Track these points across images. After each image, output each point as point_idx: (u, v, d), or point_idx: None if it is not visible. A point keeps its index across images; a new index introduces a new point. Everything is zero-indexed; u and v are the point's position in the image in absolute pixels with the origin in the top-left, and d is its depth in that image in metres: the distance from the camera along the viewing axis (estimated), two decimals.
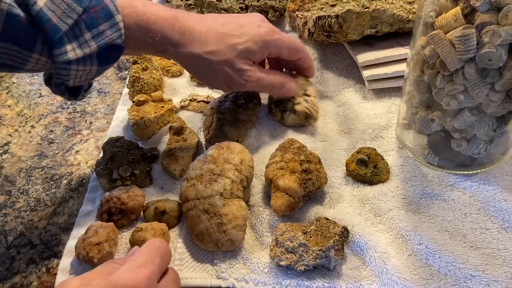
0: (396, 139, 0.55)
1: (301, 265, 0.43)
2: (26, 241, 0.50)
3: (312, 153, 0.50)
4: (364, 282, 0.43)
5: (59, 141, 0.61)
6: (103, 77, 0.71)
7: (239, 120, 0.56)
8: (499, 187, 0.48)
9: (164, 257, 0.38)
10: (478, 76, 0.41)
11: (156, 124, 0.59)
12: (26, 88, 0.71)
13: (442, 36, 0.41)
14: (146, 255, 0.36)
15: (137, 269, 0.35)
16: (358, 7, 0.58)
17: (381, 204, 0.48)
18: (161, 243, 0.38)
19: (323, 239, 0.44)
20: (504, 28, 0.38)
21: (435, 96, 0.45)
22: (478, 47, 0.39)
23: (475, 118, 0.44)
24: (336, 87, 0.63)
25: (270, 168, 0.49)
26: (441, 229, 0.46)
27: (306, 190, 0.47)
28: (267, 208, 0.49)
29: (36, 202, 0.54)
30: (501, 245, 0.44)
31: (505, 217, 0.46)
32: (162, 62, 0.69)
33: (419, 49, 0.45)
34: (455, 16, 0.41)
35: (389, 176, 0.51)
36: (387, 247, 0.45)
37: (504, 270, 0.42)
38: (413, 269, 0.43)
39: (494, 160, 0.50)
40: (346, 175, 0.52)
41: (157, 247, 0.37)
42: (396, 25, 0.59)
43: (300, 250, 0.43)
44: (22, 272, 0.47)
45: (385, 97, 0.60)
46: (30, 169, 0.58)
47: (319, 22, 0.60)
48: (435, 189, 0.49)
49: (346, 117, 0.59)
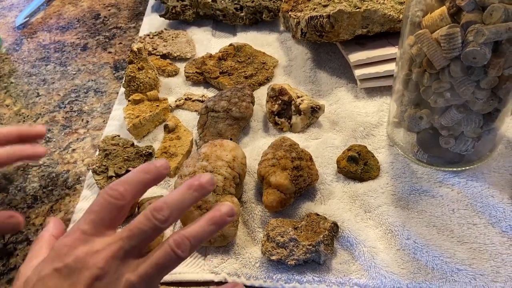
0: (386, 137, 0.56)
1: (292, 260, 0.44)
2: (23, 238, 0.51)
3: (304, 150, 0.51)
4: (353, 276, 0.44)
5: (56, 140, 0.62)
6: (100, 77, 0.72)
7: (233, 118, 0.57)
8: (487, 184, 0.49)
9: (143, 233, 0.33)
10: (464, 74, 0.42)
11: (151, 122, 0.60)
12: (24, 87, 0.72)
13: (429, 35, 0.42)
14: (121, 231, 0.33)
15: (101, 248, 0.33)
16: (350, 7, 0.59)
17: (371, 200, 0.49)
18: (145, 217, 0.34)
19: (313, 234, 0.45)
20: (487, 27, 0.39)
21: (423, 94, 0.46)
22: (463, 46, 0.40)
23: (462, 115, 0.45)
24: (328, 86, 0.64)
25: (262, 165, 0.50)
26: (429, 224, 0.47)
27: (297, 186, 0.48)
28: (259, 204, 0.50)
29: (33, 199, 0.55)
30: (487, 240, 0.45)
31: (492, 212, 0.47)
32: (157, 62, 0.70)
33: (407, 48, 0.46)
34: (441, 16, 0.42)
35: (379, 173, 0.52)
36: (376, 242, 0.46)
37: (490, 264, 0.43)
38: (401, 263, 0.44)
39: (482, 157, 0.51)
40: (337, 172, 0.52)
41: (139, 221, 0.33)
42: (387, 25, 0.60)
43: (290, 245, 0.44)
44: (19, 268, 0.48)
45: (376, 96, 0.61)
46: (27, 167, 0.59)
47: (311, 22, 0.61)
48: (424, 185, 0.50)
49: (338, 115, 0.59)
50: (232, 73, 0.66)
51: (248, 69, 0.67)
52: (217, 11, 0.76)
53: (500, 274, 0.42)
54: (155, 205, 0.34)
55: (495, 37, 0.39)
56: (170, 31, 0.76)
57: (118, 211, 0.34)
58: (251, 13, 0.75)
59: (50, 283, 0.32)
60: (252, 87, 0.65)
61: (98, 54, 0.77)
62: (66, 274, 0.32)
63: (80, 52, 0.78)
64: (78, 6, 0.91)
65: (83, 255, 0.33)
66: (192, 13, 0.78)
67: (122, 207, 0.34)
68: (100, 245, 0.33)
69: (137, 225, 0.33)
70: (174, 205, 0.34)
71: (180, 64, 0.71)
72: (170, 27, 0.79)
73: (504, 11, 0.38)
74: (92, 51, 0.78)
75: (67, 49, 0.79)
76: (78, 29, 0.84)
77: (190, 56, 0.72)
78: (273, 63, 0.68)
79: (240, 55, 0.68)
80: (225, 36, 0.77)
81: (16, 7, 0.93)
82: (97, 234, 0.34)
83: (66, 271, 0.32)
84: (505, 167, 0.51)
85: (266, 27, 0.77)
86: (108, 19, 0.86)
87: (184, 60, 0.72)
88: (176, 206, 0.34)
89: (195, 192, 0.35)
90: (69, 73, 0.74)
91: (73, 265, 0.32)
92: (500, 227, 0.46)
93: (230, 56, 0.68)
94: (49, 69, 0.75)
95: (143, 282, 0.32)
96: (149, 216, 0.33)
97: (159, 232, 0.34)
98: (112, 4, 0.90)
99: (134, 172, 0.36)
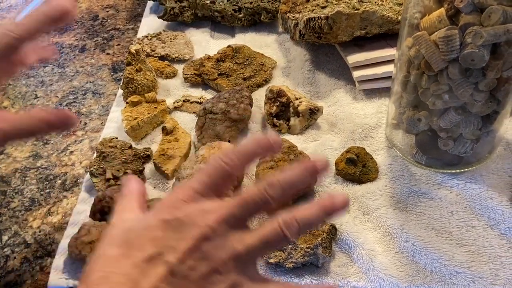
0: (385, 138, 0.56)
1: (290, 263, 0.43)
2: (20, 240, 0.51)
3: (302, 152, 0.51)
4: (352, 279, 0.43)
5: (54, 142, 0.62)
6: (98, 79, 0.72)
7: (231, 120, 0.57)
8: (485, 186, 0.49)
9: (254, 204, 0.33)
10: (462, 76, 0.42)
11: (149, 124, 0.59)
12: (22, 89, 0.71)
13: (427, 37, 0.42)
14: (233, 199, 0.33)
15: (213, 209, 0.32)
16: (348, 8, 0.59)
17: (369, 203, 0.49)
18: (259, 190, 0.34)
19: (311, 237, 0.44)
20: (486, 29, 0.39)
21: (421, 96, 0.46)
22: (461, 48, 0.40)
23: (461, 117, 0.45)
24: (327, 88, 0.64)
25: (260, 168, 0.50)
26: (427, 226, 0.47)
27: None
28: None
29: (30, 202, 0.55)
30: (486, 243, 0.45)
31: (490, 215, 0.47)
32: (156, 64, 0.69)
33: (405, 50, 0.45)
34: (439, 17, 0.41)
35: (377, 175, 0.52)
36: (375, 245, 0.45)
37: (489, 267, 0.43)
38: (399, 266, 0.44)
39: (481, 159, 0.51)
40: (335, 174, 0.52)
41: (253, 192, 0.33)
42: (386, 26, 0.60)
43: (288, 248, 0.44)
44: (16, 270, 0.48)
45: (375, 98, 0.61)
46: (25, 170, 0.58)
47: (310, 23, 0.61)
48: (422, 187, 0.50)
49: (336, 117, 0.59)
50: (230, 75, 0.66)
51: (247, 70, 0.67)
52: (215, 12, 0.76)
53: (499, 277, 0.42)
54: (270, 181, 0.33)
55: (493, 39, 0.39)
56: (169, 32, 0.76)
57: (229, 178, 0.34)
58: (249, 15, 0.75)
59: (157, 232, 0.31)
60: (251, 88, 0.65)
61: (96, 56, 0.77)
62: (175, 227, 0.31)
63: (78, 54, 0.78)
64: (76, 8, 0.90)
65: (195, 212, 0.32)
66: (191, 15, 0.77)
67: (232, 175, 0.34)
68: (211, 206, 0.32)
69: (250, 195, 0.33)
70: (287, 185, 0.33)
71: (178, 65, 0.71)
72: (169, 28, 0.79)
73: (502, 13, 0.38)
74: (90, 52, 0.78)
75: (65, 51, 0.79)
76: (76, 31, 0.84)
77: (188, 57, 0.71)
78: (271, 65, 0.68)
79: (238, 57, 0.68)
80: (224, 37, 0.76)
81: (14, 8, 0.92)
82: (207, 196, 0.33)
83: (176, 224, 0.32)
84: (504, 169, 0.51)
85: (265, 28, 0.77)
86: (106, 21, 0.85)
87: (182, 61, 0.71)
88: (288, 186, 0.33)
89: (310, 178, 0.34)
90: (67, 74, 0.73)
91: (184, 220, 0.32)
92: (499, 230, 0.46)
93: (229, 57, 0.68)
94: (47, 70, 0.75)
95: (248, 254, 0.32)
96: (262, 190, 0.33)
97: (268, 207, 0.33)
98: (110, 5, 0.90)
99: (248, 143, 0.35)
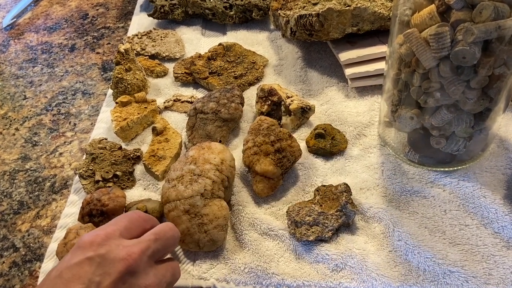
0: (378, 136, 0.55)
1: (328, 232, 0.45)
2: (9, 245, 0.50)
3: (281, 129, 0.51)
4: (344, 280, 0.43)
5: (43, 144, 0.61)
6: (88, 78, 0.71)
7: (222, 120, 0.56)
8: (479, 184, 0.48)
9: (166, 240, 0.37)
10: (453, 74, 0.41)
11: (139, 125, 0.59)
12: (11, 90, 0.70)
13: (417, 34, 0.41)
14: (148, 235, 0.37)
15: (132, 244, 0.35)
16: (339, 5, 0.58)
17: (362, 201, 0.48)
18: (168, 227, 0.38)
19: (333, 202, 0.46)
20: (477, 26, 0.38)
21: (413, 94, 0.45)
22: (452, 45, 0.40)
23: (453, 115, 0.44)
24: (319, 86, 0.63)
25: (245, 154, 0.51)
26: (420, 225, 0.46)
27: (283, 167, 0.50)
28: (246, 206, 0.49)
29: (19, 205, 0.54)
30: (480, 241, 0.45)
31: (484, 213, 0.46)
32: (146, 63, 0.68)
33: (396, 47, 0.45)
34: (430, 14, 0.41)
35: (347, 145, 0.54)
36: (367, 244, 0.45)
37: (482, 266, 0.43)
38: (393, 265, 0.43)
39: (474, 157, 0.50)
40: (308, 152, 0.54)
41: (162, 229, 0.38)
42: (377, 23, 0.59)
43: (320, 219, 0.45)
44: (5, 275, 0.47)
45: (367, 95, 0.60)
46: (13, 172, 0.57)
47: (301, 20, 0.60)
48: (415, 186, 0.49)
49: (329, 116, 0.59)
50: (221, 73, 0.65)
51: (238, 69, 0.66)
52: (206, 10, 0.75)
53: (493, 276, 0.42)
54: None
55: (484, 36, 0.38)
56: (159, 30, 0.75)
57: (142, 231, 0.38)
58: (240, 12, 0.74)
59: (80, 270, 0.32)
60: (242, 87, 0.64)
61: (86, 55, 0.76)
62: (98, 263, 0.32)
63: (68, 53, 0.77)
64: (66, 6, 0.89)
65: (116, 247, 0.34)
66: (181, 12, 0.76)
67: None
68: (131, 242, 0.35)
69: (163, 229, 0.37)
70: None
71: (169, 64, 0.70)
72: (159, 26, 0.78)
73: (493, 9, 0.37)
74: (80, 51, 0.77)
75: (55, 50, 0.78)
76: (65, 30, 0.82)
77: (179, 56, 0.71)
78: (263, 63, 0.67)
79: (229, 55, 0.67)
80: (215, 35, 0.76)
81: (3, 8, 0.91)
82: (126, 237, 0.36)
83: (99, 260, 0.32)
84: (497, 167, 0.50)
85: (256, 25, 0.76)
86: (96, 19, 0.84)
87: (173, 60, 0.71)
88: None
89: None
90: (57, 74, 0.72)
91: (106, 255, 0.33)
92: (493, 228, 0.45)
93: (220, 56, 0.67)
94: (36, 70, 0.74)
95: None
96: (171, 226, 0.38)
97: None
98: (100, 3, 0.89)
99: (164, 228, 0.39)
